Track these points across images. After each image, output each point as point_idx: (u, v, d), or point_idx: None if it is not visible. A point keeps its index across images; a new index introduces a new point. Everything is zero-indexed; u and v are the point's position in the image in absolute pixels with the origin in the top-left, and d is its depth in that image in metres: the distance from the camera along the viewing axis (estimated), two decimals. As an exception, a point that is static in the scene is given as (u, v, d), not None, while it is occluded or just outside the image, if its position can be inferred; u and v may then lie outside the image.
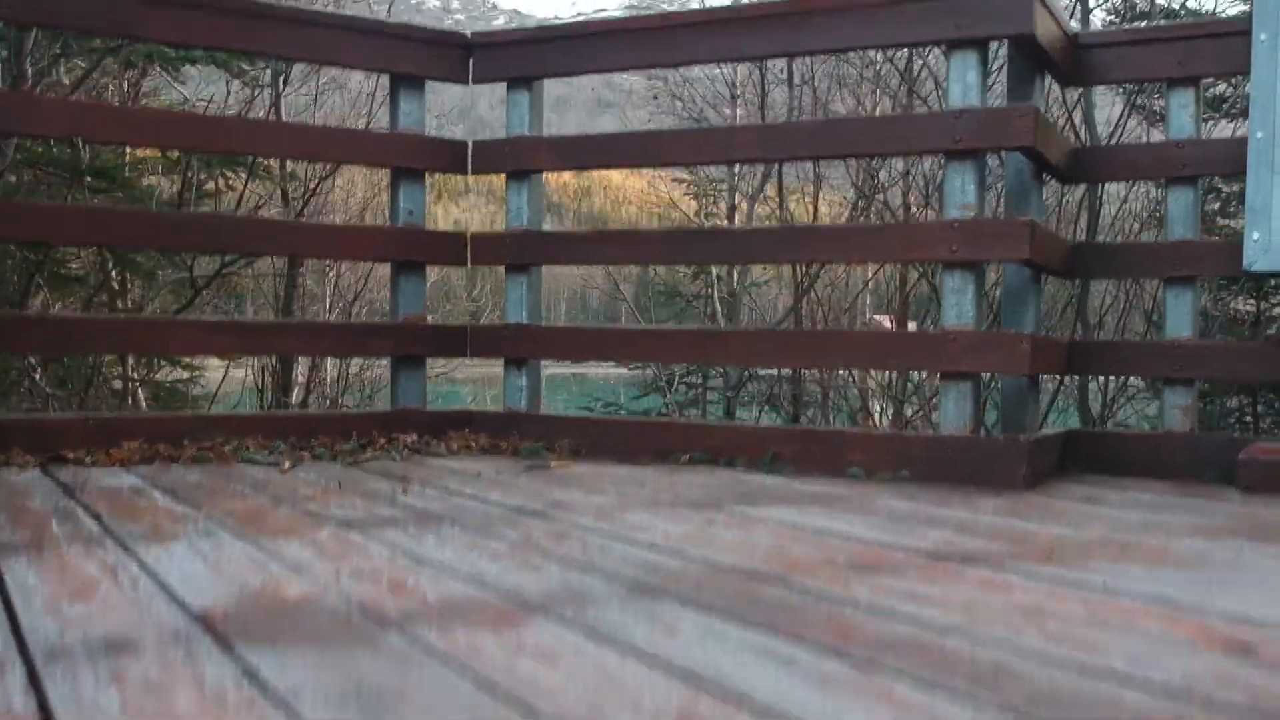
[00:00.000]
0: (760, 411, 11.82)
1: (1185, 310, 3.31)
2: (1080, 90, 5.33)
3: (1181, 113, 3.34)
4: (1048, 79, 3.38)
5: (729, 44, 3.36)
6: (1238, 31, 3.25)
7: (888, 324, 14.16)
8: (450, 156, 3.66)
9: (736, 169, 13.28)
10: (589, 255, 3.62)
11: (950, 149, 2.99)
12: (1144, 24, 6.40)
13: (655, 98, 12.19)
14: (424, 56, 3.57)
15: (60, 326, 3.16)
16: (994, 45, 3.50)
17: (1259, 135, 3.16)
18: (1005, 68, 3.24)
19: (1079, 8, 5.91)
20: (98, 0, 3.07)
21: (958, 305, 2.98)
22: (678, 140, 3.57)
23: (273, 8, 3.30)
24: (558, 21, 3.53)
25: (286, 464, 2.98)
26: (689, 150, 3.62)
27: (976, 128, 2.95)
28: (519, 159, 3.58)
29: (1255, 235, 3.10)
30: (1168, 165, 3.34)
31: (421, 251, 3.61)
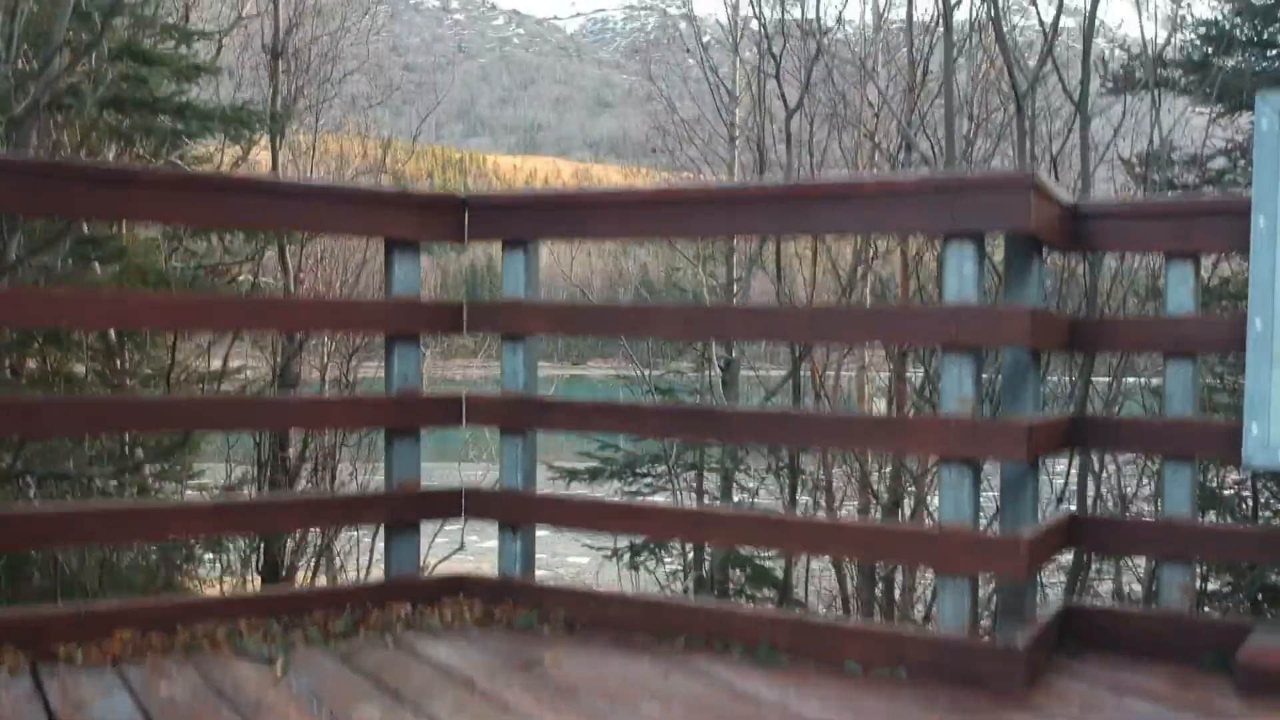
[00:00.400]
0: (760, 482, 11.76)
1: (1184, 487, 3.29)
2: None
3: (1180, 287, 3.32)
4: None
5: (727, 221, 3.35)
6: (1237, 211, 3.22)
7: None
8: (445, 319, 3.65)
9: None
10: (587, 423, 3.61)
11: (946, 343, 2.98)
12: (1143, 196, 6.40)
13: (654, 150, 12.22)
14: (419, 221, 3.55)
15: (51, 522, 3.14)
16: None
17: (1258, 324, 3.13)
18: (1003, 252, 3.21)
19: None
20: (90, 189, 3.05)
21: (955, 501, 2.96)
22: (671, 316, 3.55)
23: (261, 183, 3.31)
24: (553, 190, 3.51)
25: (279, 664, 2.96)
26: (681, 327, 3.61)
27: (973, 327, 2.93)
28: (513, 324, 3.57)
29: (1254, 429, 3.07)
30: (1166, 341, 3.32)
31: (417, 417, 3.59)
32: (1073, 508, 5.19)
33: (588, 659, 3.08)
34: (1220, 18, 8.77)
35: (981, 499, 3.04)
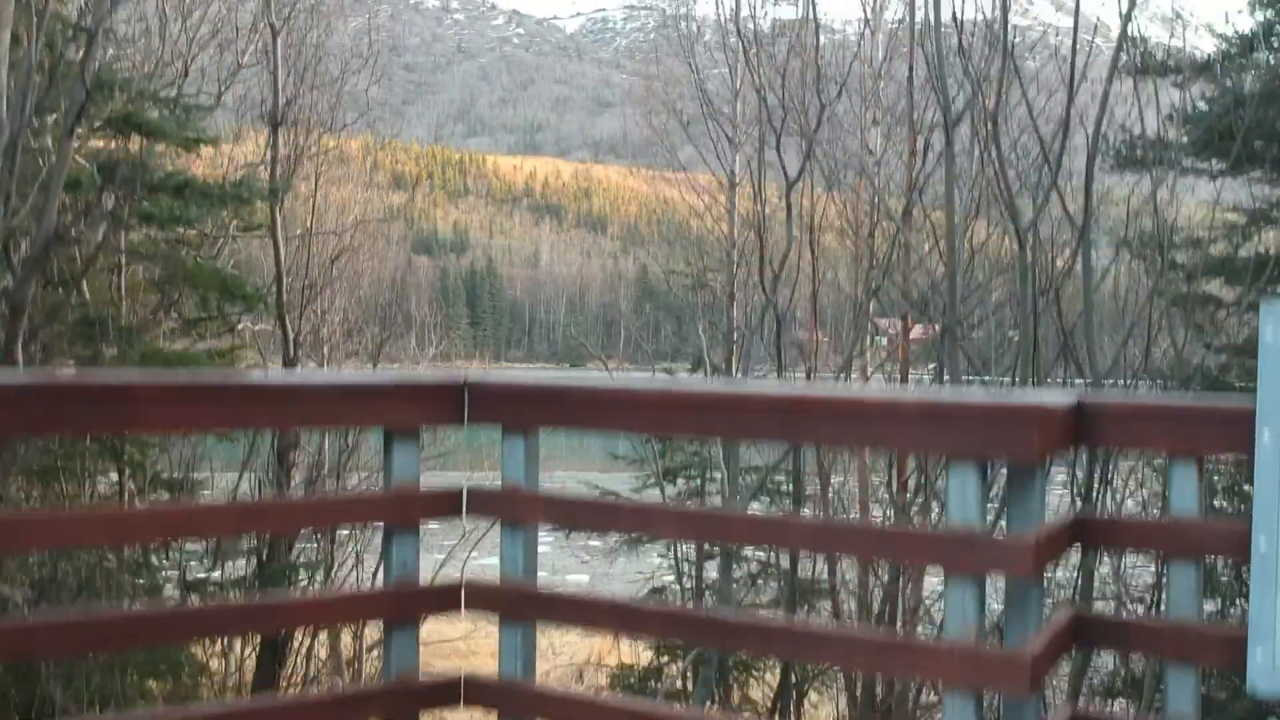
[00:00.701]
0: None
1: (1187, 691, 3.27)
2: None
3: (1184, 488, 3.29)
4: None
5: (729, 426, 3.34)
6: (1243, 417, 3.20)
7: (886, 324, 14.02)
8: (445, 505, 3.63)
9: (736, 270, 13.27)
10: (587, 619, 3.60)
11: (949, 569, 2.96)
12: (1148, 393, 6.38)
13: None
14: (419, 409, 3.54)
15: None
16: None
17: (1262, 542, 3.11)
18: (1004, 475, 3.19)
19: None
20: (90, 408, 3.02)
21: (957, 730, 2.95)
22: (672, 518, 3.54)
23: (263, 388, 3.27)
24: (553, 383, 3.52)
25: None
26: (681, 527, 3.60)
27: (976, 556, 2.91)
28: (512, 512, 3.55)
29: (1259, 655, 3.05)
30: (1168, 543, 3.31)
31: (415, 608, 3.58)
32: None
33: None
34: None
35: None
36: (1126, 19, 6.46)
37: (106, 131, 8.54)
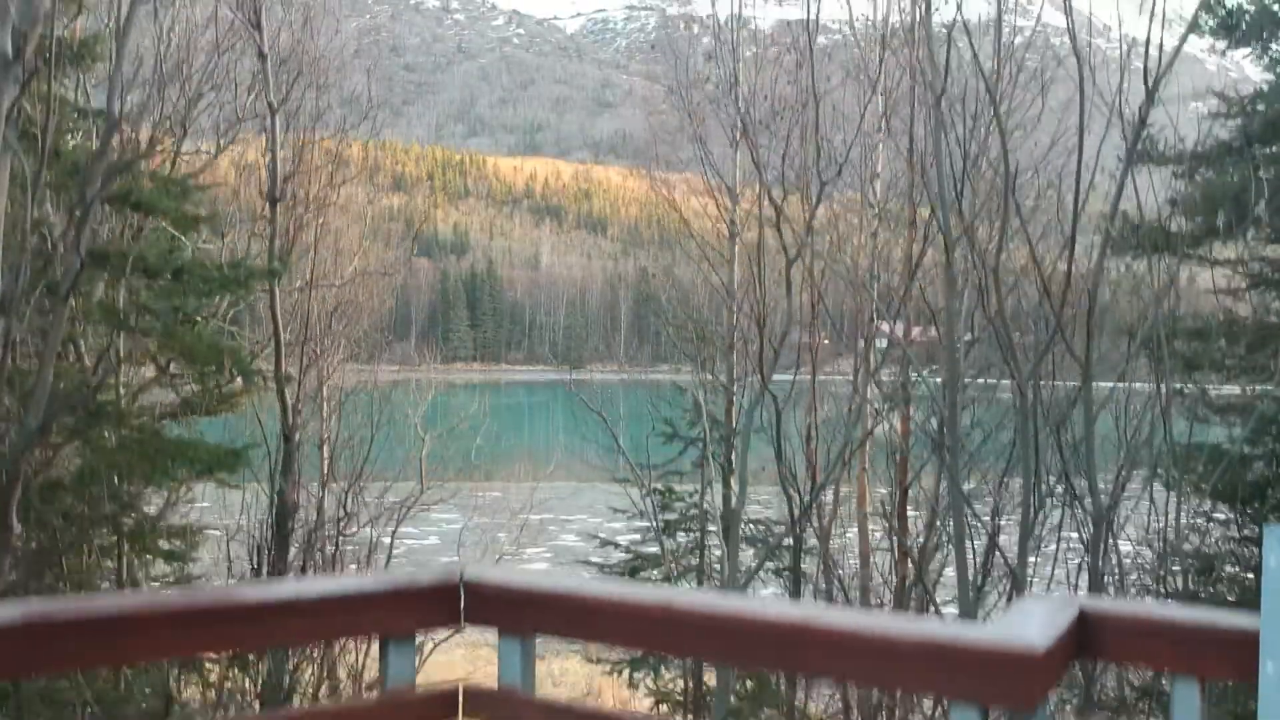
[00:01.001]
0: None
1: None
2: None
3: (1185, 706, 3.26)
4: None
5: (726, 649, 3.30)
6: (1249, 642, 3.17)
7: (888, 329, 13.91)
8: (441, 709, 3.60)
9: (736, 319, 13.25)
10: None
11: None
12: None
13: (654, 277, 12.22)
14: (415, 616, 3.50)
15: None
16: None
17: (1266, 774, 3.09)
18: None
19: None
20: (86, 641, 2.99)
21: None
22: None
23: (257, 608, 3.22)
24: (552, 587, 3.50)
25: None
26: None
27: (978, 803, 2.88)
28: (510, 717, 3.52)
29: None
30: (1172, 763, 3.27)
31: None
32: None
33: None
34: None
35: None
36: (1130, 159, 6.40)
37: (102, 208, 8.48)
